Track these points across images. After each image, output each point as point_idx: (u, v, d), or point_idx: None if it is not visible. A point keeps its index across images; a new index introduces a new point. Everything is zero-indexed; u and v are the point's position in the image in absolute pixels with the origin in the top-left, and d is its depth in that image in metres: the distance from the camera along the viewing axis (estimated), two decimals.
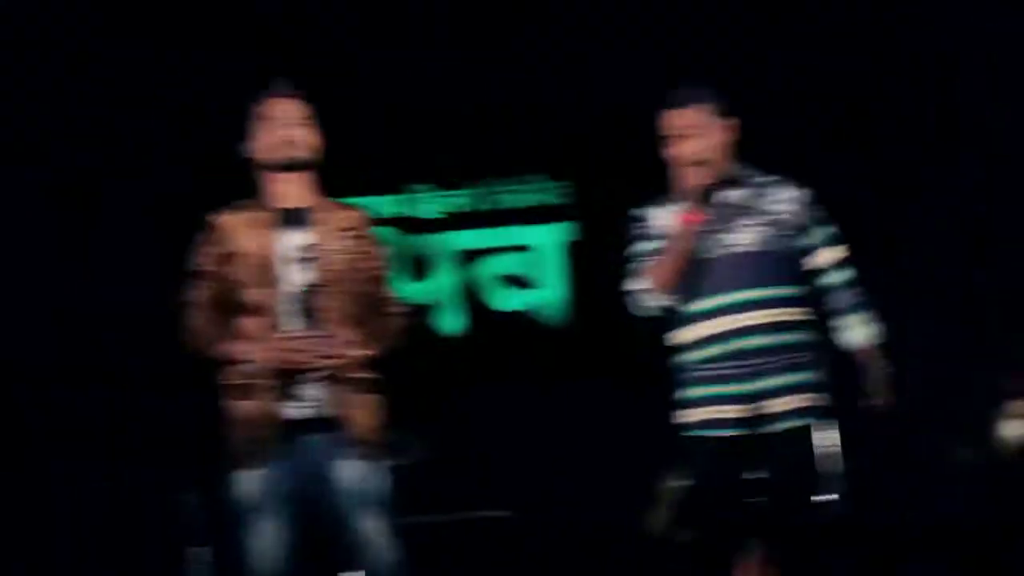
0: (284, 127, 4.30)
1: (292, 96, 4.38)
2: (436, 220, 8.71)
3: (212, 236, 4.32)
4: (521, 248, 8.72)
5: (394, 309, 4.40)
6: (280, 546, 4.13)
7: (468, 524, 7.63)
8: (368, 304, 4.33)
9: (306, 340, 4.11)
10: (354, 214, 4.40)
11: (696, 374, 4.43)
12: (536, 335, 8.61)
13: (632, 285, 4.50)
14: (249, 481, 4.15)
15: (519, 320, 8.66)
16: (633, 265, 4.54)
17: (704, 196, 4.39)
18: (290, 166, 4.31)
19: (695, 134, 4.47)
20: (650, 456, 7.30)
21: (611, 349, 8.09)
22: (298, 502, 4.18)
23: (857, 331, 4.50)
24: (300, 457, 4.16)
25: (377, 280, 4.38)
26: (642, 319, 4.61)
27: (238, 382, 4.21)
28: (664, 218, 4.51)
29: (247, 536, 4.14)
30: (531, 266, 8.68)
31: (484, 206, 8.72)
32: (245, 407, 4.17)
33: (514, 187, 8.71)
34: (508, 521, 7.56)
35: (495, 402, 8.09)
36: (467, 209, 8.73)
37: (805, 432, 4.38)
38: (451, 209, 8.73)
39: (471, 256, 8.73)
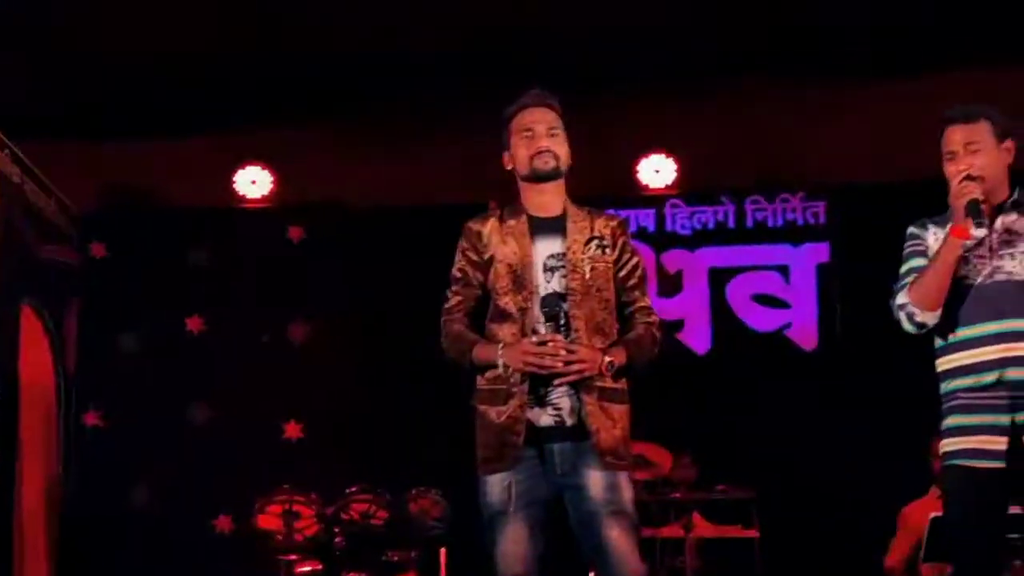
0: (537, 138, 4.31)
1: (545, 105, 4.38)
2: (689, 236, 8.64)
3: (471, 242, 4.36)
4: (778, 267, 8.58)
5: (647, 319, 4.34)
6: (527, 550, 4.13)
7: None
8: (620, 314, 4.31)
9: (556, 347, 4.10)
10: (609, 222, 4.36)
11: (964, 402, 4.27)
12: (788, 357, 8.46)
13: (900, 299, 4.36)
14: (496, 485, 4.16)
15: (771, 341, 8.52)
16: (903, 281, 4.40)
17: (976, 210, 4.21)
18: (543, 177, 4.31)
19: (975, 150, 4.31)
20: (893, 483, 7.21)
21: (866, 374, 7.90)
22: (545, 508, 4.18)
23: None
24: (547, 464, 4.16)
25: (630, 290, 4.34)
26: (904, 340, 4.48)
27: (488, 387, 4.23)
28: (939, 237, 4.36)
29: (495, 539, 4.15)
30: (787, 286, 8.53)
31: (739, 223, 8.62)
32: (494, 412, 4.19)
33: (771, 205, 8.59)
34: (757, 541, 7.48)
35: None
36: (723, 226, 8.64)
37: None
38: (704, 225, 8.65)
39: (725, 274, 8.62)
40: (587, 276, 4.22)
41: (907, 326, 4.32)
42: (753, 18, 7.71)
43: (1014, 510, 4.34)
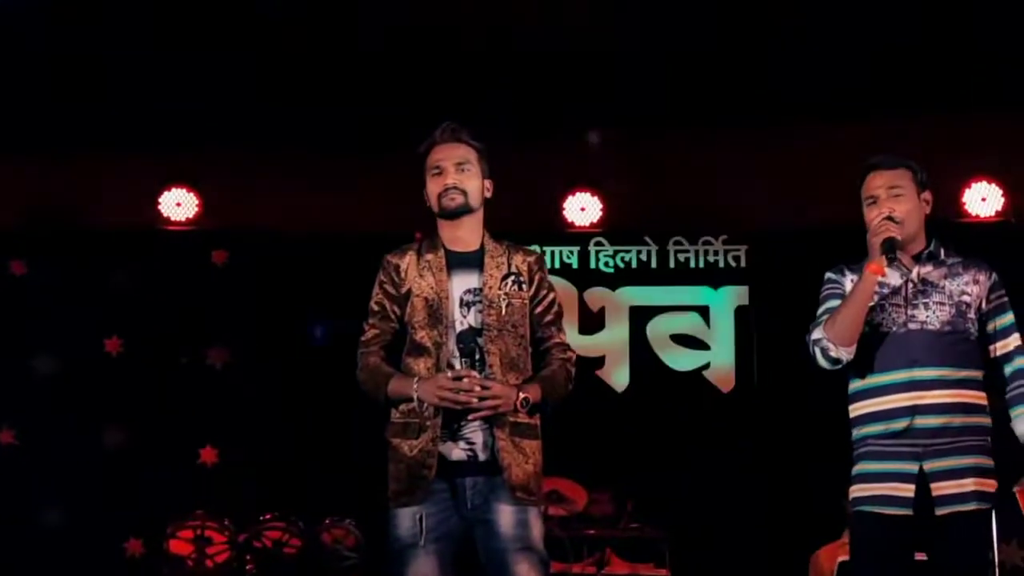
0: (444, 175, 4.31)
1: (455, 140, 4.38)
2: (611, 274, 8.70)
3: (389, 276, 4.36)
4: (697, 308, 8.66)
5: (562, 356, 4.36)
6: None
7: None
8: (536, 349, 4.33)
9: (471, 383, 4.09)
10: (527, 258, 4.38)
11: (874, 449, 4.33)
12: (705, 397, 8.53)
13: (815, 335, 4.40)
14: (407, 518, 4.15)
15: (688, 380, 8.59)
16: (819, 319, 4.45)
17: (891, 248, 4.29)
18: (451, 214, 4.32)
19: (897, 195, 4.39)
20: (805, 526, 7.30)
21: (781, 417, 8.00)
22: (455, 542, 4.17)
23: None
24: (459, 498, 4.16)
25: (546, 326, 4.36)
26: (819, 384, 4.53)
27: (401, 420, 4.23)
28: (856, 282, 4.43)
29: (403, 572, 4.13)
30: (704, 327, 8.61)
31: (661, 264, 8.69)
32: (407, 445, 4.18)
33: (693, 247, 8.68)
34: None
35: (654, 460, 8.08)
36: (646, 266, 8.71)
37: (976, 517, 4.25)
38: (627, 264, 8.72)
39: (644, 312, 8.68)
40: (503, 312, 4.23)
41: (821, 362, 4.37)
42: (681, 68, 7.80)
43: (919, 557, 4.38)
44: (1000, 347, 4.39)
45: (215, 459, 8.51)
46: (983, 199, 8.44)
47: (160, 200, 8.91)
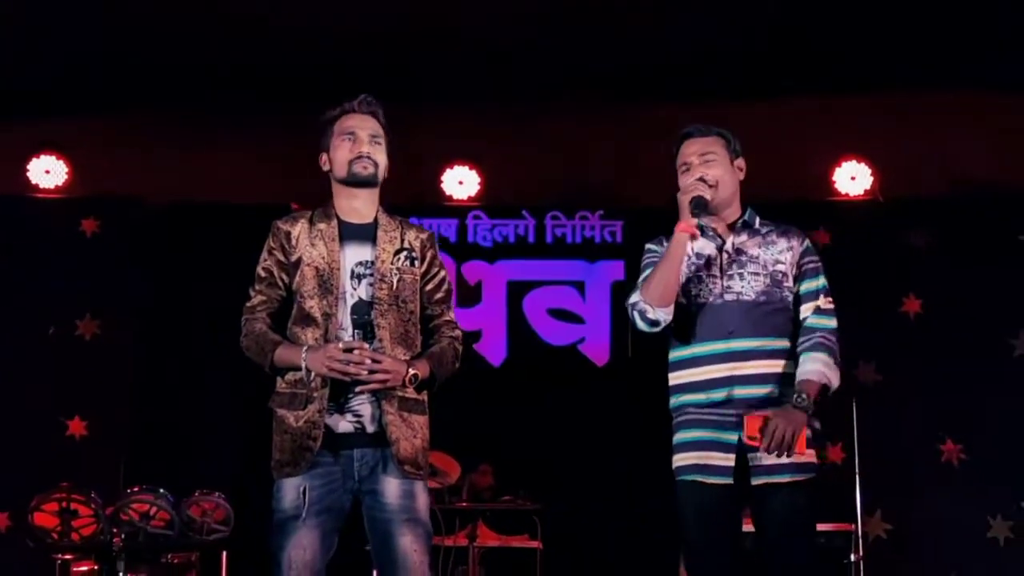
0: (359, 143, 4.29)
1: (371, 112, 4.36)
2: (489, 247, 8.71)
3: (280, 242, 4.31)
4: (574, 283, 8.70)
5: (451, 334, 4.37)
6: (314, 557, 4.10)
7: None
8: (425, 326, 4.33)
9: (362, 355, 4.08)
10: (420, 235, 4.38)
11: (694, 417, 4.36)
12: (580, 371, 8.59)
13: (632, 298, 4.42)
14: (291, 490, 4.13)
15: (563, 354, 8.64)
16: (636, 285, 4.47)
17: (701, 207, 4.30)
18: (360, 182, 4.29)
19: (710, 160, 4.43)
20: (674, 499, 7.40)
21: (655, 391, 8.07)
22: (338, 516, 4.17)
23: (809, 366, 4.33)
24: (346, 470, 4.15)
25: (436, 303, 4.36)
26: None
27: (288, 391, 4.20)
28: None
29: (282, 544, 4.11)
30: (582, 302, 8.66)
31: (539, 238, 8.72)
32: (292, 416, 4.15)
33: (570, 221, 8.72)
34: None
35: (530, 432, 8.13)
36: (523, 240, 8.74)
37: (792, 488, 4.25)
38: (505, 238, 8.73)
39: (521, 286, 8.71)
40: (394, 286, 4.22)
41: (640, 324, 4.38)
42: (559, 41, 7.83)
43: (747, 527, 4.39)
44: (805, 309, 4.43)
45: (83, 431, 8.37)
46: (852, 178, 8.60)
47: (29, 167, 8.72)
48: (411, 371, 4.14)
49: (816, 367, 4.31)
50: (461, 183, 8.83)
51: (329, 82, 7.87)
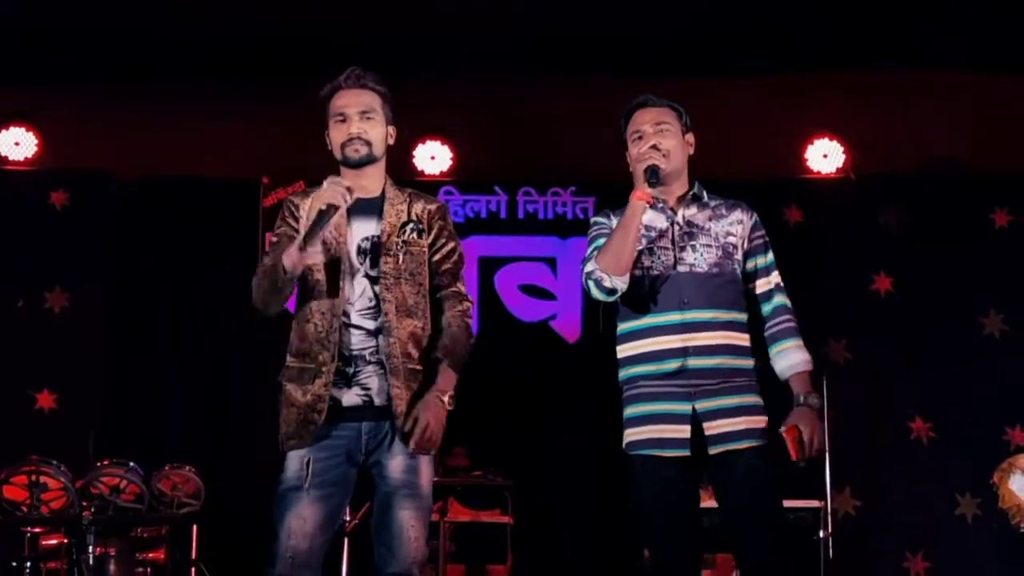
0: (348, 122, 4.26)
1: (360, 86, 4.32)
2: (461, 223, 8.70)
3: (291, 212, 4.28)
4: (546, 259, 8.70)
5: (459, 307, 4.35)
6: (314, 528, 4.10)
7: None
8: (433, 297, 4.31)
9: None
10: (428, 206, 4.35)
11: (646, 390, 4.37)
12: (551, 347, 8.59)
13: (588, 268, 4.42)
14: (295, 461, 4.13)
15: (535, 330, 8.63)
16: (589, 256, 4.47)
17: (654, 175, 4.31)
18: (355, 164, 4.26)
19: (663, 130, 4.45)
20: None
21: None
22: (342, 490, 4.18)
23: (789, 358, 4.40)
24: (352, 443, 4.16)
25: (443, 274, 4.34)
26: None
27: (297, 366, 4.19)
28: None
29: (283, 514, 4.10)
30: (554, 278, 8.66)
31: (511, 214, 8.71)
32: (300, 391, 4.15)
33: (542, 197, 8.71)
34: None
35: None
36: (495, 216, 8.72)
37: (750, 454, 4.27)
38: (477, 213, 8.72)
39: (495, 263, 8.70)
40: (400, 260, 4.21)
41: (596, 293, 4.38)
42: (532, 15, 7.80)
43: (705, 503, 4.40)
44: (761, 284, 4.46)
45: (52, 404, 8.33)
46: (825, 156, 8.61)
47: None
48: (445, 399, 4.19)
49: (802, 356, 4.40)
50: (433, 158, 8.80)
51: (299, 56, 7.90)
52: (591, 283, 4.38)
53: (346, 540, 6.32)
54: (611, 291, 4.35)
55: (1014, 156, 8.26)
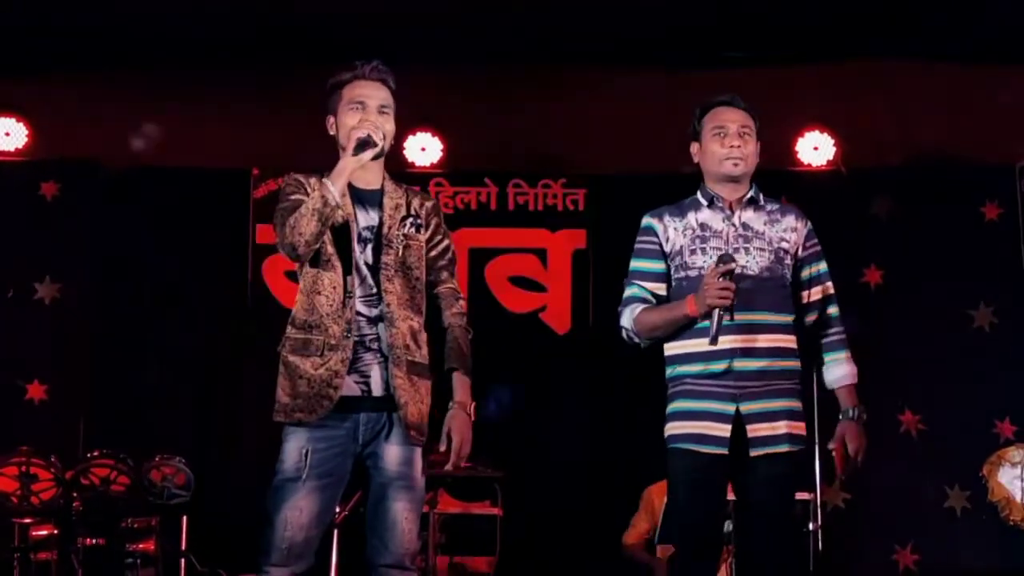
0: (368, 112, 4.26)
1: (381, 80, 4.34)
2: (451, 214, 8.69)
3: (300, 184, 4.23)
4: (536, 251, 8.70)
5: (457, 309, 4.39)
6: (310, 519, 4.11)
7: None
8: (428, 292, 4.34)
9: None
10: (425, 202, 4.38)
11: (691, 388, 4.42)
12: (541, 339, 8.59)
13: (624, 321, 4.51)
14: (294, 452, 4.13)
15: (524, 322, 8.63)
16: (631, 286, 4.54)
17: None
18: (372, 155, 4.24)
19: (748, 135, 4.52)
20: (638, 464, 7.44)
21: (616, 358, 8.09)
22: (339, 482, 4.20)
23: (840, 369, 4.53)
24: (350, 432, 4.16)
25: (439, 270, 4.38)
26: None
27: (302, 336, 4.17)
28: (677, 228, 4.50)
29: (279, 505, 4.10)
30: (542, 269, 8.66)
31: (501, 205, 8.70)
32: (310, 363, 4.13)
33: (532, 189, 8.70)
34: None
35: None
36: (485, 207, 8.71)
37: (787, 458, 4.36)
38: (467, 205, 8.71)
39: (483, 254, 8.70)
40: (400, 252, 4.24)
41: (625, 339, 4.56)
42: (524, 7, 7.80)
43: (729, 496, 4.51)
44: (814, 293, 4.55)
45: (43, 395, 8.32)
46: (815, 148, 8.61)
47: None
48: (469, 411, 4.26)
49: (851, 369, 4.58)
50: (423, 150, 8.79)
51: (289, 47, 7.88)
52: (623, 333, 4.54)
53: (335, 531, 6.30)
54: (636, 345, 4.54)
55: (1004, 149, 8.27)
